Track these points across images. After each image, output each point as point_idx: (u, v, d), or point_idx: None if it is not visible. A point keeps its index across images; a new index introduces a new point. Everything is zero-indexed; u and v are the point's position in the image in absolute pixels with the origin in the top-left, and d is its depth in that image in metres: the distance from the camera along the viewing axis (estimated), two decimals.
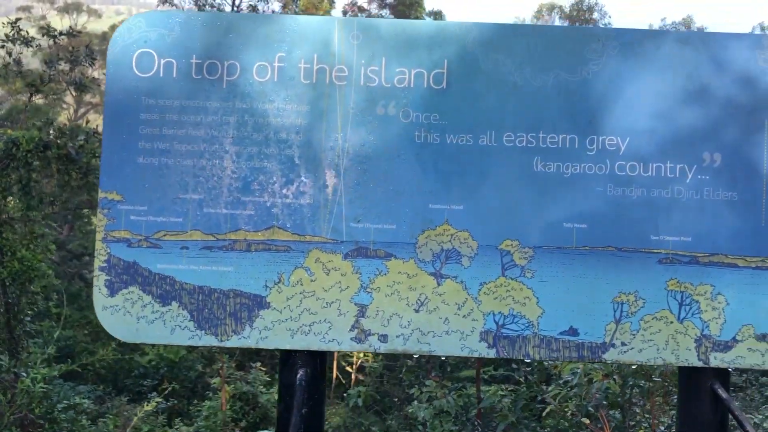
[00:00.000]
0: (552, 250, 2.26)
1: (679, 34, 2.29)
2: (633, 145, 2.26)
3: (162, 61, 2.27)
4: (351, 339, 2.26)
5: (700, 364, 2.26)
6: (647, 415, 5.25)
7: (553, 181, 2.26)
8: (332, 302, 2.26)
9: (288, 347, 2.26)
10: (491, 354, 2.26)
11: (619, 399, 4.99)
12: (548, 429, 4.15)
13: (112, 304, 2.26)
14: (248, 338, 2.26)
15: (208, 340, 2.26)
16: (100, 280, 2.26)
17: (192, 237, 2.27)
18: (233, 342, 2.26)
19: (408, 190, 2.27)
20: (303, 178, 2.26)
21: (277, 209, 2.26)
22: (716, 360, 2.25)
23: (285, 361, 2.34)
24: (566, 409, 5.36)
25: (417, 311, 2.26)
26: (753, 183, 2.26)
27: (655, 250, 2.26)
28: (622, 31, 2.30)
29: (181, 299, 2.26)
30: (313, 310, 2.25)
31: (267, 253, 2.26)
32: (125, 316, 2.26)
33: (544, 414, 5.51)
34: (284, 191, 2.26)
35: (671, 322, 2.26)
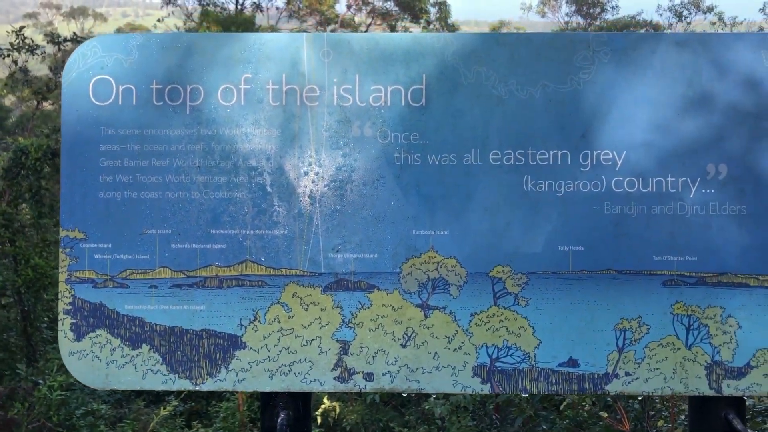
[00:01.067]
0: (547, 276, 2.10)
1: (676, 36, 2.11)
2: (630, 159, 2.09)
3: (120, 88, 2.12)
4: (334, 378, 2.10)
5: (712, 393, 2.08)
6: (667, 404, 5.10)
7: (545, 201, 2.10)
8: (312, 340, 2.10)
9: (267, 389, 2.11)
10: (485, 390, 2.10)
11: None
12: (567, 421, 4.00)
13: (79, 348, 2.12)
14: (224, 381, 2.11)
15: (182, 384, 2.11)
16: (65, 324, 2.13)
17: (160, 275, 2.12)
18: (209, 385, 2.11)
19: (389, 216, 2.11)
20: (276, 208, 2.11)
21: (250, 242, 2.11)
22: (729, 388, 2.08)
23: (266, 403, 2.19)
24: (584, 402, 5.22)
25: (404, 346, 2.10)
26: (762, 195, 2.08)
27: (659, 272, 2.09)
28: (614, 35, 2.12)
29: (152, 341, 2.12)
30: (293, 348, 2.10)
31: (240, 289, 2.11)
32: (93, 362, 2.12)
33: (561, 407, 5.37)
34: (256, 222, 2.11)
35: (679, 349, 2.09)
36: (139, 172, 2.12)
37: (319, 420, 4.41)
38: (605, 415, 5.09)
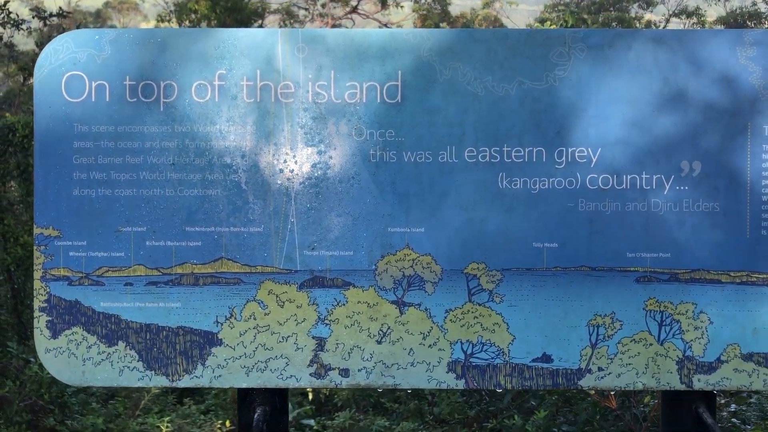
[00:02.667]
0: (521, 272, 2.11)
1: (653, 33, 2.10)
2: (605, 157, 2.10)
3: (93, 84, 2.10)
4: (310, 374, 2.12)
5: (683, 387, 2.12)
6: None
7: (520, 198, 2.10)
8: (288, 336, 2.11)
9: (244, 385, 2.13)
10: (460, 385, 2.12)
11: None
12: (555, 397, 4.08)
13: (56, 346, 2.12)
14: (201, 377, 2.12)
15: (158, 381, 2.12)
16: (41, 322, 2.12)
17: (136, 272, 2.12)
18: (185, 382, 2.12)
19: (365, 214, 2.11)
20: (251, 205, 2.11)
21: (225, 239, 2.11)
22: (700, 383, 2.11)
23: (242, 399, 2.21)
24: None
25: (379, 342, 2.12)
26: (736, 192, 2.10)
27: (632, 269, 2.10)
28: (590, 32, 2.11)
29: (128, 339, 2.12)
30: (269, 345, 2.11)
31: (216, 286, 2.11)
32: (70, 359, 2.12)
33: None
34: (232, 219, 2.11)
35: (651, 344, 2.11)
36: (113, 170, 2.11)
37: (310, 396, 4.45)
38: (593, 392, 5.17)
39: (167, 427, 4.06)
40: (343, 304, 2.11)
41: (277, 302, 2.11)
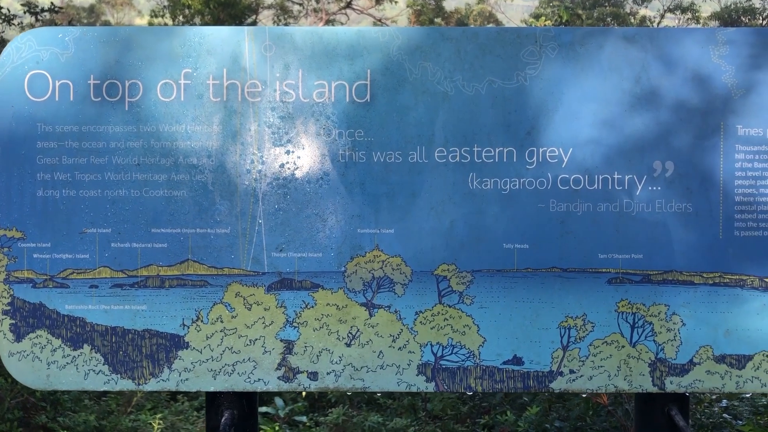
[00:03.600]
0: (492, 274, 2.08)
1: (624, 31, 2.07)
2: (576, 157, 2.07)
3: (57, 84, 2.06)
4: (278, 378, 2.09)
5: (655, 390, 2.09)
6: None
7: (490, 198, 2.07)
8: (256, 339, 2.09)
9: (211, 389, 2.10)
10: (430, 388, 2.09)
11: None
12: (548, 394, 4.06)
13: (19, 349, 2.09)
14: (168, 381, 2.09)
15: (124, 385, 2.09)
16: (4, 325, 2.09)
17: (101, 274, 2.09)
18: (152, 385, 2.09)
19: (334, 215, 2.08)
20: (218, 206, 2.07)
21: (192, 241, 2.08)
22: (672, 385, 2.09)
23: (210, 402, 2.18)
24: None
25: (348, 345, 2.09)
26: (709, 193, 2.07)
27: (604, 270, 2.08)
28: (561, 30, 2.08)
29: (94, 342, 2.09)
30: (236, 348, 2.08)
31: (182, 289, 2.08)
32: (34, 362, 2.09)
33: None
34: (198, 221, 2.07)
35: (623, 347, 2.09)
36: (77, 170, 2.07)
37: (304, 392, 4.43)
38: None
39: (160, 423, 4.04)
40: (312, 307, 2.09)
41: (245, 305, 2.08)
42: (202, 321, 2.08)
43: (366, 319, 2.09)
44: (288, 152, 2.08)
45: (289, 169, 2.08)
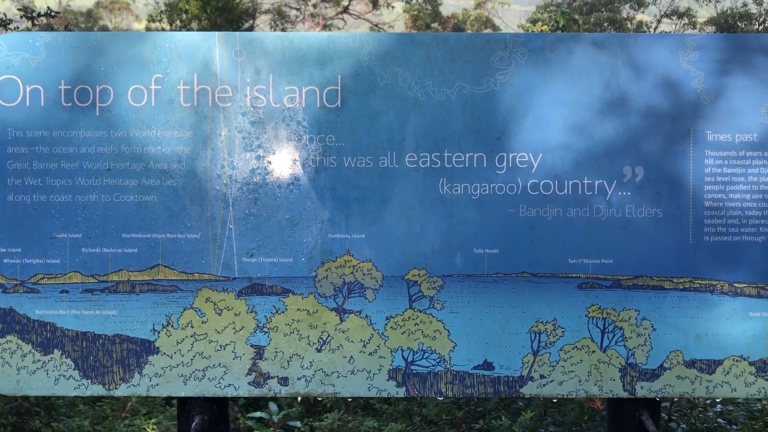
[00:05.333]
0: (462, 279, 2.08)
1: (594, 37, 2.08)
2: (546, 162, 2.07)
3: (28, 89, 2.07)
4: (248, 383, 2.09)
5: (625, 395, 2.09)
6: None
7: (460, 204, 2.08)
8: (226, 345, 2.09)
9: (182, 394, 2.10)
10: (401, 393, 2.09)
11: None
12: (542, 399, 4.06)
13: None
14: (138, 386, 2.09)
15: (95, 390, 2.09)
16: None
17: (71, 279, 2.08)
18: (122, 390, 2.09)
19: (304, 220, 2.08)
20: (188, 211, 2.08)
21: (162, 246, 2.08)
22: (643, 390, 2.09)
23: (182, 407, 2.18)
24: None
25: (319, 351, 2.09)
26: (678, 198, 2.08)
27: (574, 275, 2.08)
28: (532, 36, 2.09)
29: (64, 347, 2.09)
30: (206, 353, 2.08)
31: (153, 294, 2.08)
32: (4, 367, 2.09)
33: None
34: (168, 226, 2.07)
35: (593, 352, 2.09)
36: (48, 175, 2.08)
37: (299, 397, 4.41)
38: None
39: (154, 428, 4.02)
40: (283, 312, 2.09)
41: (215, 310, 2.08)
42: (172, 326, 2.08)
43: (337, 325, 2.09)
44: (259, 157, 2.08)
45: (259, 174, 2.08)
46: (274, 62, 2.07)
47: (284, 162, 2.08)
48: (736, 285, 2.08)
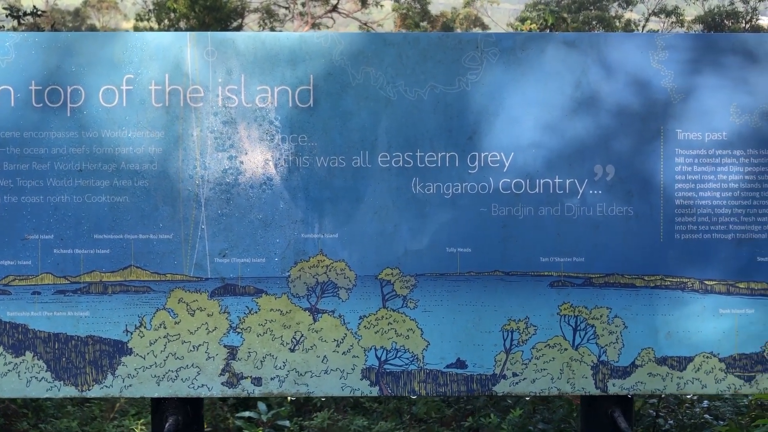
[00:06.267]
0: (435, 278, 2.09)
1: (565, 36, 2.09)
2: (518, 161, 2.08)
3: None
4: (222, 384, 2.09)
5: (597, 392, 2.11)
6: None
7: (433, 203, 2.08)
8: (199, 345, 2.08)
9: (155, 395, 2.09)
10: (374, 392, 2.10)
11: None
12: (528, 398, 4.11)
13: None
14: (111, 387, 2.08)
15: (67, 391, 2.08)
16: None
17: (43, 281, 2.08)
18: (95, 392, 2.08)
19: (277, 220, 2.08)
20: (160, 212, 2.07)
21: (134, 247, 2.07)
22: (615, 387, 2.11)
23: (155, 408, 2.17)
24: None
25: (292, 350, 2.09)
26: (649, 196, 2.09)
27: (546, 273, 2.09)
28: (503, 35, 2.10)
29: (36, 348, 2.08)
30: (179, 354, 2.08)
31: (125, 295, 2.08)
32: None
33: None
34: (140, 227, 2.07)
35: (565, 349, 2.10)
36: (19, 176, 2.06)
37: (289, 398, 4.41)
38: None
39: (143, 429, 4.01)
40: (256, 312, 2.09)
41: (188, 311, 2.08)
42: (145, 327, 2.08)
43: (310, 324, 2.09)
44: (231, 157, 2.08)
45: (231, 174, 2.08)
46: (246, 62, 2.07)
47: (257, 162, 2.08)
48: (707, 282, 2.10)
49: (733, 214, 2.09)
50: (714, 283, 2.10)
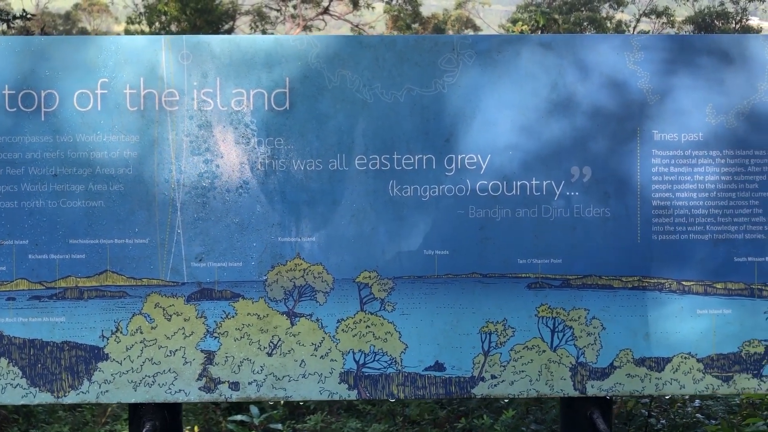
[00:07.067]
0: (413, 280, 2.09)
1: (541, 38, 2.09)
2: (495, 163, 2.08)
3: None
4: (199, 389, 2.08)
5: (576, 394, 2.11)
6: None
7: (410, 205, 2.08)
8: (176, 350, 2.07)
9: (132, 401, 2.08)
10: (353, 396, 2.09)
11: None
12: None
13: None
14: (87, 393, 2.07)
15: (43, 398, 2.07)
16: None
17: (18, 287, 2.06)
18: (71, 398, 2.07)
19: (254, 224, 2.07)
20: (136, 216, 2.06)
21: (110, 252, 2.06)
22: (593, 389, 2.11)
23: (133, 413, 2.16)
24: None
25: (270, 355, 2.08)
26: (626, 197, 2.09)
27: (524, 275, 2.09)
28: (479, 38, 2.10)
29: (11, 355, 2.06)
30: (156, 359, 2.07)
31: (101, 300, 2.06)
32: None
33: None
34: (116, 231, 2.06)
35: (544, 351, 2.10)
36: None
37: (282, 400, 4.37)
38: None
39: None
40: (233, 317, 2.08)
41: (164, 315, 2.07)
42: (121, 332, 2.06)
43: (287, 328, 2.08)
44: (207, 161, 2.07)
45: (207, 178, 2.07)
46: (221, 65, 2.06)
47: (232, 165, 2.07)
48: (684, 283, 2.10)
49: (709, 214, 2.10)
50: (691, 283, 2.10)
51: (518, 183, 2.08)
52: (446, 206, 2.08)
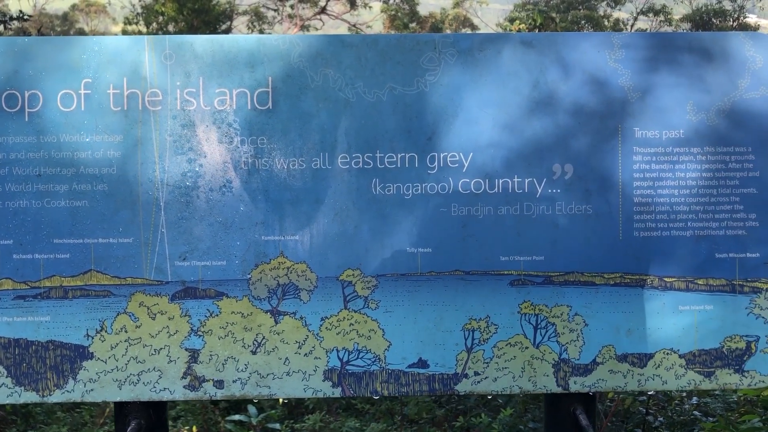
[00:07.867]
0: (396, 278, 2.10)
1: (523, 36, 2.10)
2: (477, 161, 2.09)
3: None
4: (184, 387, 2.09)
5: (559, 390, 2.12)
6: None
7: (393, 203, 2.09)
8: (161, 349, 2.08)
9: (117, 399, 2.09)
10: (336, 393, 2.10)
11: None
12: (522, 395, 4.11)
13: None
14: (72, 392, 2.08)
15: (28, 397, 2.08)
16: None
17: (3, 286, 2.07)
18: (56, 397, 2.08)
19: (237, 223, 2.08)
20: (120, 216, 2.07)
21: (94, 251, 2.07)
22: (576, 385, 2.12)
23: (119, 412, 2.17)
24: None
25: (254, 353, 2.09)
26: (608, 195, 2.10)
27: (506, 272, 2.10)
28: (461, 36, 2.11)
29: None
30: (141, 358, 2.08)
31: (86, 299, 2.07)
32: None
33: None
34: (100, 231, 2.07)
35: (527, 348, 2.11)
36: None
37: (281, 399, 4.39)
38: None
39: None
40: (217, 315, 2.09)
41: (149, 314, 2.08)
42: (106, 331, 2.07)
43: (271, 326, 2.09)
44: (190, 160, 2.08)
45: (191, 177, 2.08)
46: (204, 65, 2.07)
47: (216, 165, 2.08)
48: (666, 279, 2.11)
49: (691, 211, 2.11)
50: (673, 279, 2.11)
51: (500, 181, 2.09)
52: (429, 204, 2.09)
